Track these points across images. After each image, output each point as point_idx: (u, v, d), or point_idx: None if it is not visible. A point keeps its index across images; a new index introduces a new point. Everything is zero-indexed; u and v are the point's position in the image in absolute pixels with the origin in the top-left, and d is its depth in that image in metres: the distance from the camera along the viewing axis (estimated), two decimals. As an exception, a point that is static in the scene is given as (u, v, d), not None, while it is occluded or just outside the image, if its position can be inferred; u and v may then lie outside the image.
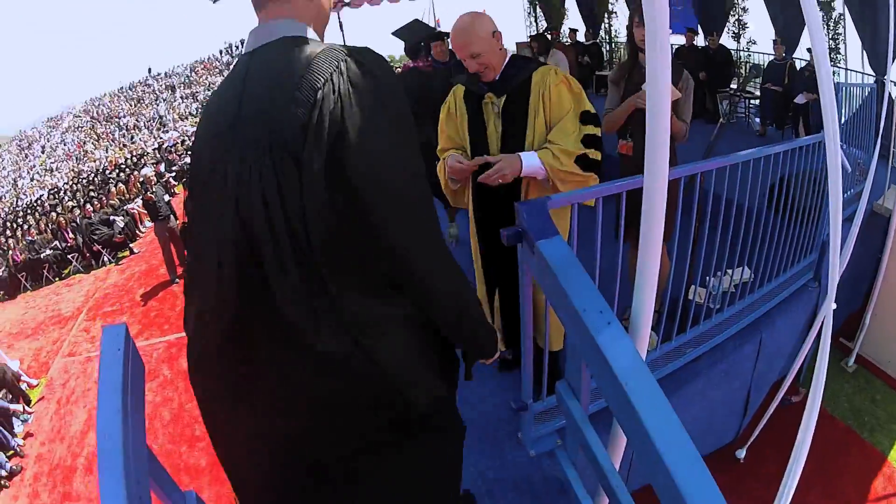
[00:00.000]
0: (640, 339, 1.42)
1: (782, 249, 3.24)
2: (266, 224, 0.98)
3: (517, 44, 8.36)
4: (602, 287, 1.31)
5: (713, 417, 3.10)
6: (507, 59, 2.26)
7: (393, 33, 4.40)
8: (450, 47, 4.74)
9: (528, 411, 2.14)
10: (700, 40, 8.79)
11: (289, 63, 1.02)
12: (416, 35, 4.21)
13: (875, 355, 4.79)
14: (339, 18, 11.49)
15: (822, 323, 2.61)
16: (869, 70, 6.89)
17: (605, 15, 11.97)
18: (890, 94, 5.72)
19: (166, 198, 8.24)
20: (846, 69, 7.43)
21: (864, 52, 6.89)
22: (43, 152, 32.96)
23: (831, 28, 7.48)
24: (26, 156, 34.20)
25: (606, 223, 2.06)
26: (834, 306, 2.52)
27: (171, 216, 8.22)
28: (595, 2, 11.87)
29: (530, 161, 2.09)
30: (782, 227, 3.20)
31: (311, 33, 1.11)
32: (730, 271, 3.01)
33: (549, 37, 11.17)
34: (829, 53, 7.47)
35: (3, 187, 30.86)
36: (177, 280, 8.27)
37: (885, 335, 4.65)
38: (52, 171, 28.97)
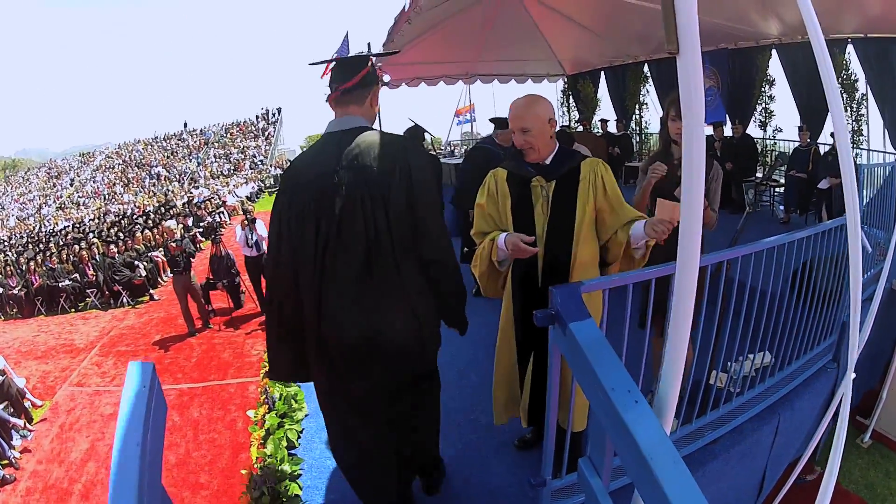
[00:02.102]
0: (664, 420, 1.46)
1: (803, 333, 3.25)
2: (367, 228, 1.86)
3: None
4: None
5: (727, 497, 3.03)
6: (556, 148, 2.41)
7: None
8: None
9: (545, 487, 2.13)
10: (727, 130, 8.90)
11: (372, 142, 1.91)
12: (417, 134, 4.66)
13: (892, 430, 4.68)
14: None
15: (841, 400, 2.59)
16: (891, 148, 7.02)
17: (636, 106, 12.23)
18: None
19: (189, 250, 8.20)
20: (868, 150, 7.52)
21: (886, 130, 7.04)
22: (72, 185, 33.84)
23: (854, 109, 7.49)
24: (54, 185, 35.11)
25: (631, 310, 2.13)
26: (853, 375, 2.50)
27: (189, 270, 8.14)
28: (627, 94, 12.19)
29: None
30: (803, 311, 3.21)
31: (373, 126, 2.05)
32: (751, 356, 3.01)
33: (570, 131, 11.41)
34: (852, 135, 7.51)
35: (28, 210, 31.68)
36: (195, 332, 8.11)
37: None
38: (78, 205, 29.66)
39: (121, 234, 14.82)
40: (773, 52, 8.43)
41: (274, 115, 37.10)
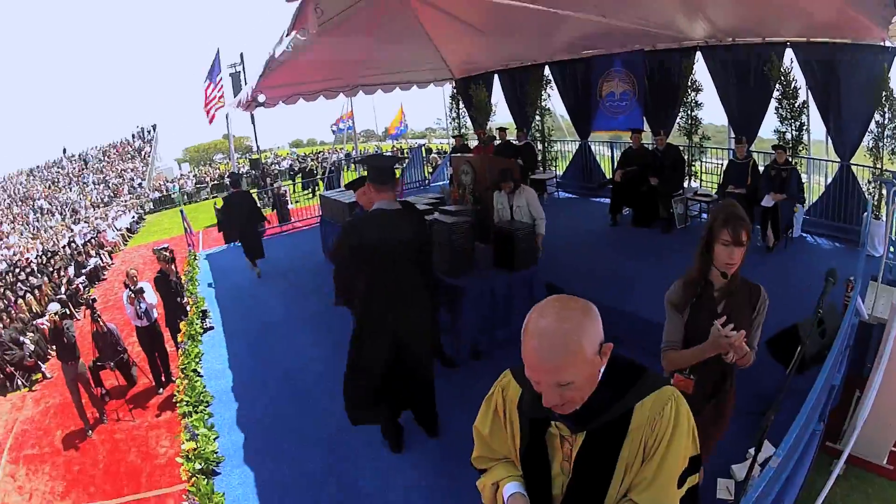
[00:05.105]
0: None
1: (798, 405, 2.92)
2: (416, 261, 3.65)
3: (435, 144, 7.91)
4: None
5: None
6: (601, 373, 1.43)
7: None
8: None
9: None
10: (644, 138, 8.35)
11: (404, 219, 3.55)
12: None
13: (863, 451, 4.50)
14: (251, 116, 11.63)
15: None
16: (834, 157, 6.90)
17: (537, 113, 11.15)
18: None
19: (70, 337, 7.23)
20: (809, 158, 7.32)
21: (829, 139, 6.88)
22: (-39, 231, 30.96)
23: (795, 118, 7.12)
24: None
25: None
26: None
27: (77, 360, 7.26)
28: (526, 98, 10.97)
29: None
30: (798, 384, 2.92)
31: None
32: (751, 451, 2.63)
33: (466, 142, 10.27)
34: (793, 145, 7.19)
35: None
36: (90, 432, 7.33)
37: (876, 434, 4.40)
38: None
39: (7, 296, 13.83)
40: (698, 54, 7.90)
41: (150, 132, 36.58)
